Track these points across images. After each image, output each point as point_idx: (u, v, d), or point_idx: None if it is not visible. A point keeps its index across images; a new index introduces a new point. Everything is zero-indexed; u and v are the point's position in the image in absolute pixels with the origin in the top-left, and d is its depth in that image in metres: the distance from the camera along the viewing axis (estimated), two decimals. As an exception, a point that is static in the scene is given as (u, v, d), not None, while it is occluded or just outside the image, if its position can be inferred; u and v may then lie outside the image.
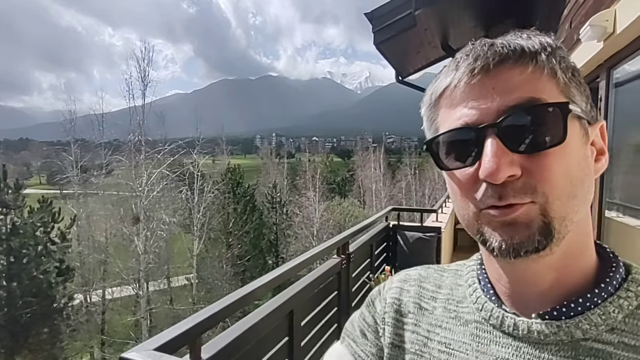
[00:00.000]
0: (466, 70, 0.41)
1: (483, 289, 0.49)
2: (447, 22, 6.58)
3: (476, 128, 0.39)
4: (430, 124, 0.47)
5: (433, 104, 0.46)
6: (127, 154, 14.54)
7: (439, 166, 0.44)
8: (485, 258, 0.49)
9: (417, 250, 4.26)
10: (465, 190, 0.42)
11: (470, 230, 0.43)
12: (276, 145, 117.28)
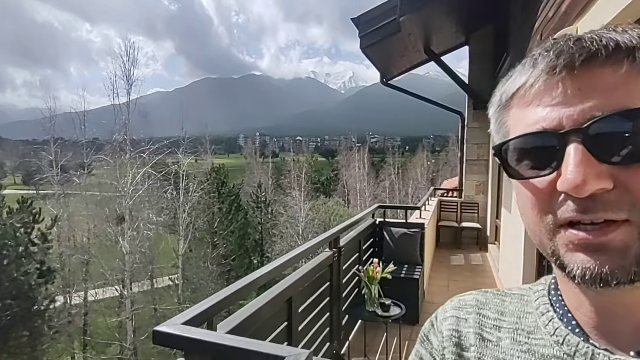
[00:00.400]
0: (546, 67, 0.36)
1: (562, 318, 0.42)
2: (430, 28, 6.87)
3: (557, 134, 0.35)
4: (499, 127, 0.43)
5: (504, 106, 0.42)
6: (111, 154, 14.38)
7: (509, 174, 0.40)
8: (561, 282, 0.43)
9: (402, 245, 4.51)
10: (539, 202, 0.37)
11: (543, 249, 0.39)
12: (260, 145, 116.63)
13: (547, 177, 0.36)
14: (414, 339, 3.69)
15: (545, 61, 0.36)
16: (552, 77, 0.36)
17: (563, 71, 0.35)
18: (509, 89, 0.40)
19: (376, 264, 3.25)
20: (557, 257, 0.37)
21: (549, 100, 0.36)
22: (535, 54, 0.38)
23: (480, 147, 8.02)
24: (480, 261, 6.77)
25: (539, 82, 0.36)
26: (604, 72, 0.34)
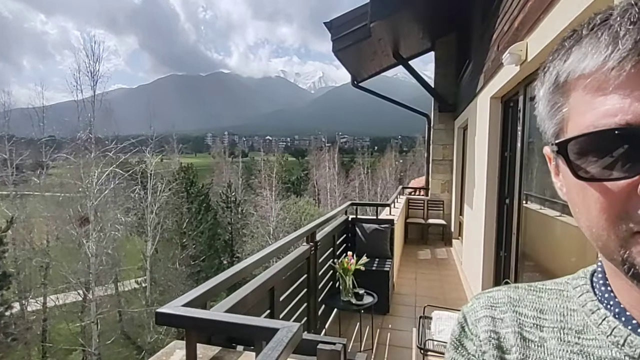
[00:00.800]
0: (634, 47, 0.29)
1: (618, 317, 0.38)
2: (399, 34, 7.20)
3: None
4: (554, 112, 0.36)
5: (561, 86, 0.35)
6: (74, 152, 13.78)
7: (574, 173, 0.34)
8: (614, 278, 0.39)
9: (373, 240, 4.76)
10: (612, 207, 0.32)
11: (608, 254, 0.34)
12: (229, 144, 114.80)
13: (626, 180, 0.30)
14: (385, 326, 3.97)
15: (633, 37, 0.29)
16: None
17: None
18: (573, 68, 0.33)
19: (350, 257, 3.46)
20: (631, 266, 0.32)
21: (631, 89, 0.29)
22: (613, 24, 0.30)
23: (445, 148, 8.46)
24: (445, 255, 7.17)
25: (623, 66, 0.29)
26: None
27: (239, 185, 32.37)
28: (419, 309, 4.32)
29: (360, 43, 6.55)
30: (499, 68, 3.64)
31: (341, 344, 1.57)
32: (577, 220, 0.37)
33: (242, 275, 2.00)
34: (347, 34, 6.42)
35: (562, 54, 0.35)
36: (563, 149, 0.34)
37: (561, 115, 0.35)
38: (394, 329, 3.97)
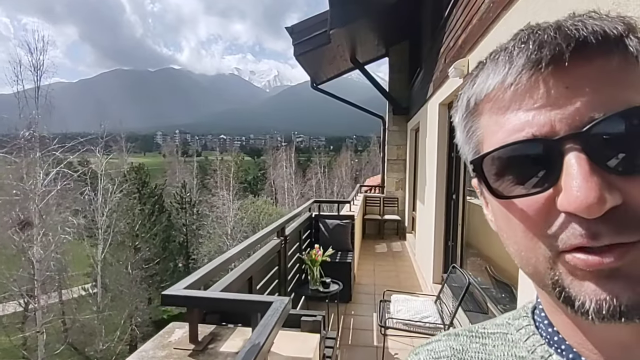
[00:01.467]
0: (527, 62, 0.29)
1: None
2: (356, 41, 7.63)
3: (551, 140, 0.28)
4: (469, 137, 0.36)
5: (472, 111, 0.35)
6: (15, 151, 12.79)
7: (492, 193, 0.32)
8: (554, 312, 0.36)
9: (336, 234, 5.11)
10: (533, 226, 0.30)
11: (539, 280, 0.32)
12: (181, 143, 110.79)
13: (542, 194, 0.29)
14: (348, 313, 4.33)
15: (525, 54, 0.30)
16: (536, 73, 0.29)
17: (550, 65, 0.29)
18: (479, 90, 0.34)
19: (317, 249, 3.76)
20: (561, 289, 0.29)
21: (532, 102, 0.30)
22: (508, 46, 0.32)
23: (399, 148, 9.04)
24: (400, 248, 7.71)
25: (520, 80, 0.30)
26: (595, 64, 0.29)
27: (193, 185, 31.57)
28: (377, 296, 4.72)
29: (320, 48, 6.89)
30: (446, 79, 4.12)
31: (321, 316, 1.87)
32: (507, 248, 0.35)
33: (229, 264, 2.23)
34: (308, 39, 6.72)
35: (470, 81, 0.36)
36: (479, 168, 0.33)
37: (476, 139, 0.35)
38: (356, 315, 4.33)
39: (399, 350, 3.49)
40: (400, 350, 3.49)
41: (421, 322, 3.08)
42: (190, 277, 1.82)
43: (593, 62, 0.29)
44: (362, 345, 3.65)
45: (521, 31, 0.32)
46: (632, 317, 0.27)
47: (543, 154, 0.29)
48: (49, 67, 14.80)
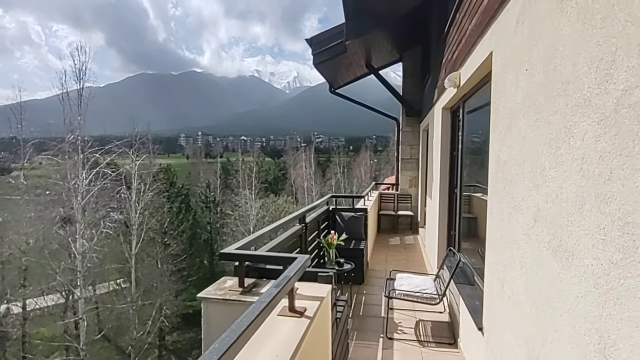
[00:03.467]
0: None
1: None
2: (370, 48, 8.24)
3: None
4: None
5: None
6: (60, 154, 14.01)
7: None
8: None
9: (351, 225, 5.74)
10: None
11: None
12: (205, 145, 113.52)
13: None
14: (361, 292, 4.96)
15: None
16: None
17: None
18: None
19: (333, 234, 4.40)
20: None
21: None
22: None
23: (412, 148, 9.57)
24: (412, 241, 8.25)
25: None
26: None
27: (217, 185, 32.74)
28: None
29: (337, 57, 7.52)
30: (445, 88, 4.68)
31: (333, 271, 2.52)
32: None
33: (264, 238, 2.91)
34: (326, 49, 7.36)
35: None
36: None
37: None
38: (367, 294, 4.96)
39: (402, 320, 4.09)
40: (403, 320, 4.09)
41: (419, 293, 3.67)
42: (237, 244, 2.50)
43: None
44: (371, 315, 4.27)
45: None
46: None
47: None
48: (90, 74, 16.09)
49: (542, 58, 1.67)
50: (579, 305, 1.29)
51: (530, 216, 1.78)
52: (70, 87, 16.07)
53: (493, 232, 2.49)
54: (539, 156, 1.68)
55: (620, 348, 1.06)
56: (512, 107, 2.09)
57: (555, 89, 1.52)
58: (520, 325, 1.89)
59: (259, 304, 1.48)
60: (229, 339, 1.14)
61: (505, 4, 2.23)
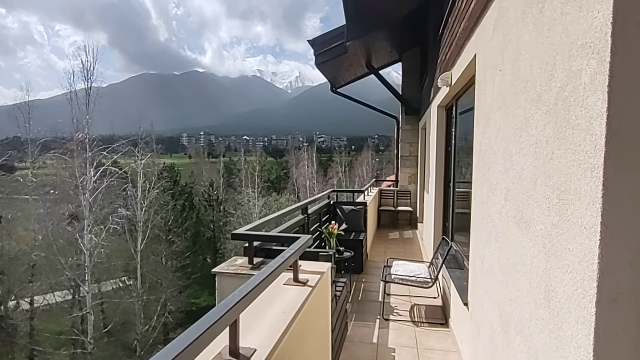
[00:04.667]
0: None
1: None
2: (371, 49, 8.51)
3: None
4: None
5: None
6: (69, 152, 14.37)
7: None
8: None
9: (351, 218, 6.02)
10: None
11: None
12: (207, 145, 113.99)
13: None
14: (360, 280, 5.22)
15: None
16: None
17: None
18: None
19: (334, 224, 4.69)
20: None
21: None
22: None
23: (411, 146, 9.83)
24: (411, 236, 8.53)
25: None
26: None
27: (220, 184, 33.09)
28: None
29: (338, 58, 7.80)
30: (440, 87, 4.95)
31: (333, 251, 2.80)
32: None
33: (269, 224, 3.19)
34: (327, 50, 7.64)
35: None
36: None
37: None
38: (367, 282, 5.24)
39: (398, 304, 4.37)
40: (399, 305, 4.37)
41: (414, 278, 3.95)
42: (247, 226, 2.79)
43: None
44: (370, 300, 4.55)
45: None
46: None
47: None
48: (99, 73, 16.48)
49: (511, 61, 1.95)
50: (533, 264, 1.57)
51: (502, 197, 2.06)
52: (76, 87, 16.46)
53: (476, 215, 2.76)
54: (508, 145, 1.96)
55: (557, 291, 1.34)
56: (490, 103, 2.37)
57: (519, 87, 1.80)
58: (495, 293, 2.17)
59: (268, 269, 1.76)
60: (240, 295, 1.43)
61: (485, 12, 2.51)
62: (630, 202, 1.06)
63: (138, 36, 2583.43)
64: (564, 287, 1.29)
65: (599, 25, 1.10)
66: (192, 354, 1.08)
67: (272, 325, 1.68)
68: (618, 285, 1.08)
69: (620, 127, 1.05)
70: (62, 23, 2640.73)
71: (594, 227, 1.11)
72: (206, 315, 1.27)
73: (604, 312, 1.09)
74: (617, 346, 1.09)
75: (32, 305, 16.77)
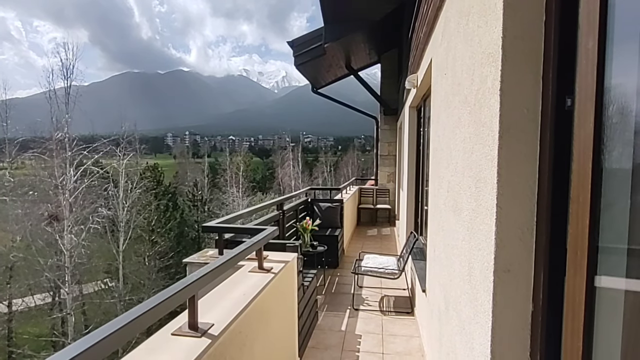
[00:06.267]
0: None
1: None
2: (349, 51, 8.72)
3: None
4: None
5: None
6: (47, 152, 14.16)
7: None
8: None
9: (327, 214, 6.21)
10: None
11: None
12: (192, 145, 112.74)
13: None
14: (335, 274, 5.40)
15: None
16: None
17: None
18: None
19: (307, 220, 4.86)
20: None
21: None
22: None
23: (390, 145, 10.09)
24: (388, 232, 8.77)
25: None
26: None
27: (204, 184, 32.93)
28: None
29: (317, 59, 7.98)
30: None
31: (299, 243, 2.98)
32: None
33: (240, 217, 3.35)
34: (306, 51, 7.82)
35: None
36: None
37: None
38: (341, 275, 5.44)
39: (369, 296, 4.58)
40: (370, 296, 4.58)
41: (382, 269, 4.16)
42: (218, 219, 2.95)
43: None
44: (342, 292, 4.75)
45: None
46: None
47: None
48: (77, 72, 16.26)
49: (451, 66, 2.16)
50: (462, 246, 1.78)
51: (445, 189, 2.27)
52: (55, 85, 16.22)
53: (430, 208, 2.99)
54: (449, 141, 2.18)
55: (475, 267, 1.55)
56: (440, 104, 2.59)
57: (455, 89, 2.02)
58: (441, 277, 2.39)
59: (228, 255, 1.93)
60: (199, 274, 1.60)
61: (437, 20, 2.72)
62: (519, 188, 1.27)
63: (120, 34, 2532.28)
64: (478, 262, 1.49)
65: (496, 38, 1.31)
66: (150, 319, 1.25)
67: (231, 306, 1.85)
68: (510, 257, 1.28)
69: (509, 124, 1.26)
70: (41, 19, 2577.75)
71: (492, 209, 1.31)
72: (166, 289, 1.44)
73: (500, 280, 1.30)
74: (510, 309, 1.30)
75: (10, 307, 16.45)
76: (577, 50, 1.10)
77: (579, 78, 1.09)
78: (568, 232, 1.12)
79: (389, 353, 3.23)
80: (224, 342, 1.62)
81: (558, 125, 1.18)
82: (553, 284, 1.20)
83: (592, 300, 0.99)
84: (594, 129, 0.99)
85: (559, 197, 1.18)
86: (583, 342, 1.01)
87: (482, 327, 1.41)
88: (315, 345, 3.37)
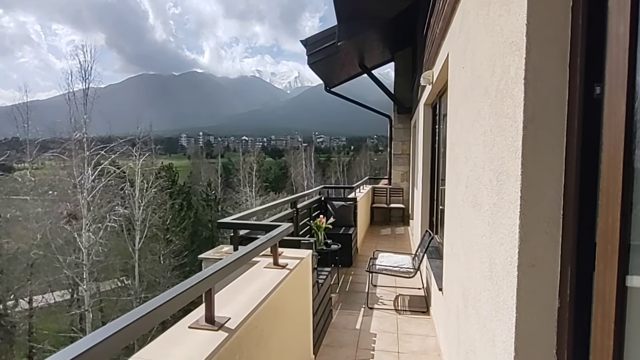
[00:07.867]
0: None
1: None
2: (362, 49, 8.67)
3: None
4: None
5: None
6: (66, 152, 14.52)
7: None
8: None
9: (341, 213, 6.19)
10: None
11: None
12: (206, 145, 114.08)
13: None
14: (349, 273, 5.38)
15: None
16: None
17: None
18: None
19: (321, 217, 4.85)
20: None
21: None
22: None
23: (403, 144, 10.00)
24: (402, 232, 8.70)
25: None
26: None
27: (218, 184, 33.26)
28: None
29: (330, 57, 7.96)
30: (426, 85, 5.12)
31: (313, 240, 2.96)
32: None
33: (254, 214, 3.36)
34: (320, 50, 7.81)
35: None
36: None
37: None
38: (355, 274, 5.41)
39: (383, 294, 4.54)
40: (384, 295, 4.54)
41: (397, 268, 4.12)
42: (233, 216, 2.96)
43: None
44: (356, 291, 4.72)
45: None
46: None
47: None
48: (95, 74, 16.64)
49: (470, 58, 2.12)
50: (482, 242, 1.74)
51: (464, 184, 2.23)
52: (74, 87, 16.62)
53: (448, 205, 2.93)
54: (468, 136, 2.13)
55: (497, 263, 1.51)
56: (457, 98, 2.54)
57: (475, 82, 1.97)
58: (459, 274, 2.34)
59: (243, 250, 1.93)
60: (215, 268, 1.59)
61: (454, 14, 2.67)
62: (544, 179, 1.22)
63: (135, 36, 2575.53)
64: (500, 257, 1.45)
65: (519, 25, 1.27)
66: (168, 311, 1.25)
67: (247, 300, 1.85)
68: (535, 251, 1.24)
69: (534, 114, 1.22)
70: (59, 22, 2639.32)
71: (516, 202, 1.27)
72: (183, 282, 1.44)
73: (524, 275, 1.26)
74: (535, 305, 1.25)
75: (31, 303, 16.90)
76: (606, 35, 1.06)
77: (608, 64, 1.05)
78: (597, 226, 1.07)
79: (404, 352, 3.19)
80: (241, 336, 1.62)
81: (586, 114, 1.14)
82: (581, 280, 1.16)
83: (624, 299, 0.95)
84: (626, 117, 0.94)
85: (587, 190, 1.14)
86: (614, 342, 0.96)
87: (504, 324, 1.37)
88: (329, 343, 3.35)
